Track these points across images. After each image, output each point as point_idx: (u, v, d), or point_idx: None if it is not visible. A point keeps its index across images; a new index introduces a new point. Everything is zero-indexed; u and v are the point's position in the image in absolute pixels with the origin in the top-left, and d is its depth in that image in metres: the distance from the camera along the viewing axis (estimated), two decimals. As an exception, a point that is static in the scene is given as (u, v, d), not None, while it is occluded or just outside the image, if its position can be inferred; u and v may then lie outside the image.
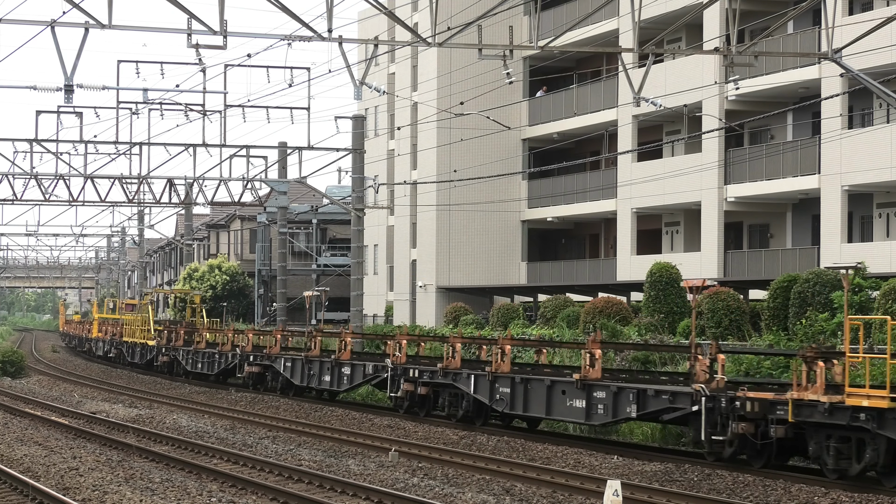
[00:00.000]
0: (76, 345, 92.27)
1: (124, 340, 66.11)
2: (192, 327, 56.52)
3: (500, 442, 27.99)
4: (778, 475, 22.27)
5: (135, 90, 46.30)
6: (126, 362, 66.58)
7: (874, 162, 47.48)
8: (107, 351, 72.33)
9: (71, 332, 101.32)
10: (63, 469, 22.39)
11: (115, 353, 69.98)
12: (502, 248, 68.14)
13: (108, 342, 72.03)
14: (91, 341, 79.61)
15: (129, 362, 66.01)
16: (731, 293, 41.63)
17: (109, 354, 71.80)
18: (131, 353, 64.68)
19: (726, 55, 28.83)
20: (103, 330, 75.28)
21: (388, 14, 30.69)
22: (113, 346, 70.79)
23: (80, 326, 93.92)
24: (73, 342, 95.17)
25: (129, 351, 65.14)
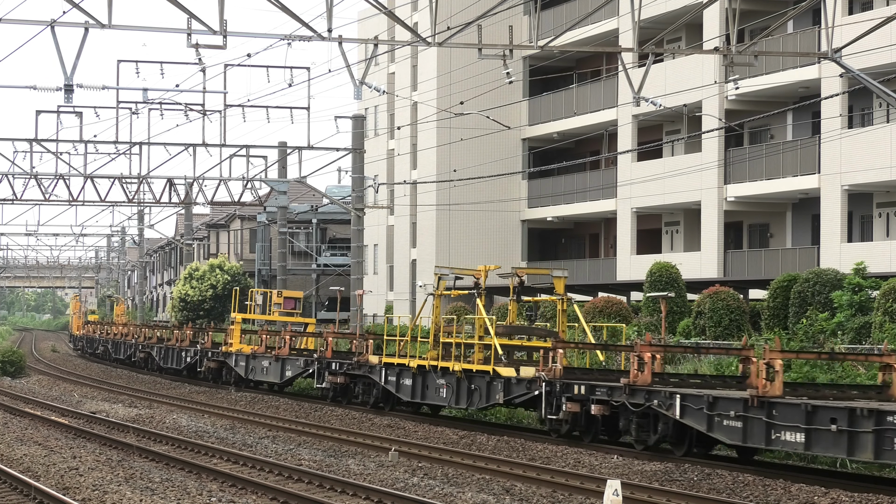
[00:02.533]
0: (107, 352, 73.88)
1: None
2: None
3: (500, 442, 28.00)
4: (778, 475, 22.27)
5: (135, 90, 46.30)
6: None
7: (874, 162, 47.49)
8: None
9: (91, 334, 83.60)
10: (63, 469, 22.39)
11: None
12: (502, 247, 68.14)
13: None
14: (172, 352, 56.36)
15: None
16: (731, 293, 41.65)
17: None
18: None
19: (726, 55, 28.83)
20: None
21: (388, 14, 30.69)
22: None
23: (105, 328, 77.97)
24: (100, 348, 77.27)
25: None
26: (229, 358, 47.69)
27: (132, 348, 64.61)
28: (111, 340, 72.44)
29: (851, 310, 35.95)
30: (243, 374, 46.04)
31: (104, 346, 75.48)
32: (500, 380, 30.08)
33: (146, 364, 61.35)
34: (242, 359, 46.30)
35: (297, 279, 79.59)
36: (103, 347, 75.81)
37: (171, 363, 55.99)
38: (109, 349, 72.58)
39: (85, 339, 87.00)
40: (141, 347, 61.87)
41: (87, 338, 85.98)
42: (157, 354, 58.49)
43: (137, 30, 28.10)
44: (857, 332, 34.65)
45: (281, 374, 42.72)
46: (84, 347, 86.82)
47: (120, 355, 68.60)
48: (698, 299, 42.40)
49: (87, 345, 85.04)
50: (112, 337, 72.74)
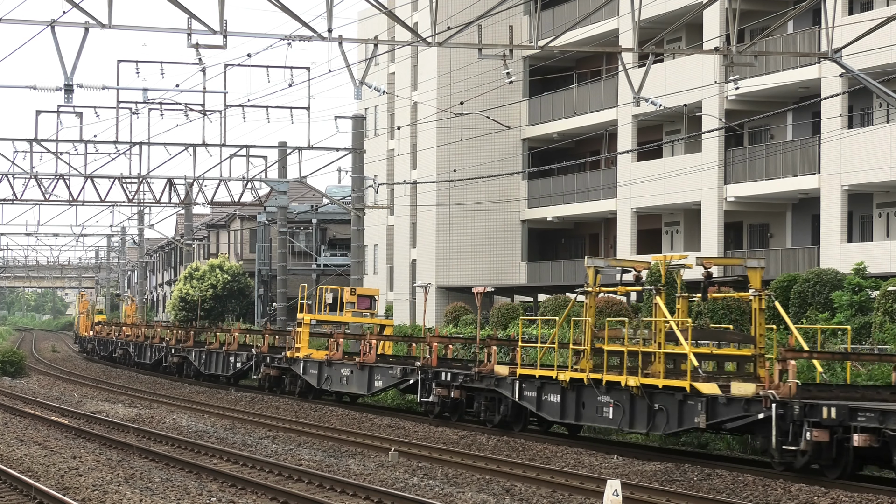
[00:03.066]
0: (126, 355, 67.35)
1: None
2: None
3: (500, 442, 28.00)
4: (778, 475, 22.27)
5: (135, 90, 46.33)
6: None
7: (874, 162, 47.48)
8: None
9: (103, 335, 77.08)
10: (63, 469, 22.39)
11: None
12: (502, 247, 68.15)
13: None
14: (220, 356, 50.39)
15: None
16: (730, 293, 41.61)
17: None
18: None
19: (726, 55, 28.83)
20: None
21: (388, 14, 30.68)
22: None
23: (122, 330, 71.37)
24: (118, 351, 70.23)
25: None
26: (296, 365, 41.52)
27: (162, 352, 58.16)
28: (132, 343, 65.29)
29: (851, 310, 35.94)
30: (315, 383, 39.91)
31: (123, 348, 68.39)
32: (699, 399, 24.12)
33: (180, 370, 55.36)
34: (314, 366, 40.07)
35: (297, 279, 79.58)
36: (122, 350, 68.62)
37: (215, 369, 49.82)
38: (131, 353, 65.36)
39: (96, 341, 79.48)
40: (174, 351, 55.47)
41: (98, 339, 78.69)
42: (196, 359, 52.09)
43: (137, 30, 28.11)
44: (857, 333, 34.64)
45: (368, 384, 36.90)
46: (95, 350, 79.67)
47: (145, 360, 61.83)
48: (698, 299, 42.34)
49: (98, 347, 77.86)
50: (133, 339, 65.71)
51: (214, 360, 50.32)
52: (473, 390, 31.56)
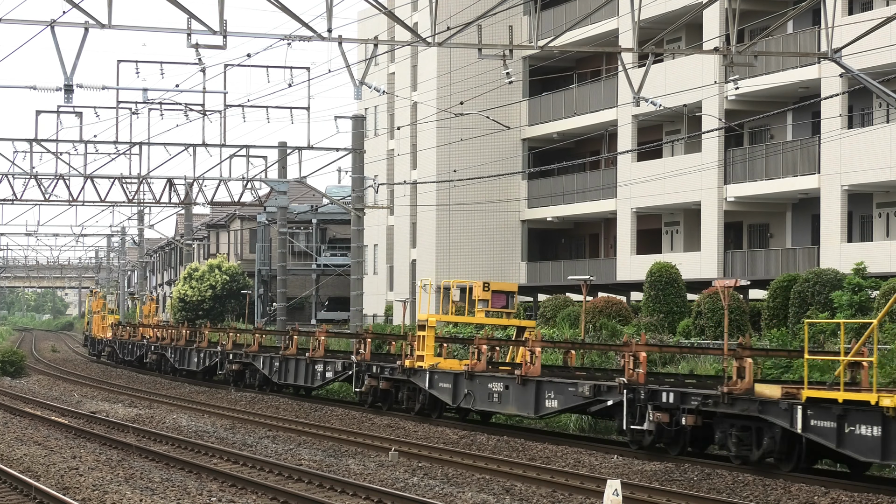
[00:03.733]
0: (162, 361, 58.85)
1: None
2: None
3: (500, 442, 28.00)
4: (778, 475, 22.27)
5: (135, 90, 46.32)
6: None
7: (874, 162, 47.49)
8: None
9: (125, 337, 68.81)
10: (63, 469, 22.39)
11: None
12: (502, 247, 68.15)
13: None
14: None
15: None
16: (730, 293, 41.64)
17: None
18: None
19: (726, 55, 28.83)
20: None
21: (388, 14, 30.69)
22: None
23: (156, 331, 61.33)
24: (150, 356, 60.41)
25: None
26: (418, 376, 33.85)
27: (215, 358, 50.13)
28: (171, 347, 56.72)
29: (851, 310, 35.95)
30: (450, 399, 32.36)
31: (157, 353, 59.09)
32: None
33: (239, 379, 46.92)
34: (446, 378, 32.62)
35: (297, 279, 79.60)
36: (156, 355, 59.32)
37: (294, 378, 41.83)
38: (170, 358, 56.64)
39: (117, 344, 70.78)
40: (232, 357, 47.17)
41: (120, 342, 69.79)
42: (265, 367, 43.95)
43: (137, 30, 28.10)
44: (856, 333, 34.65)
45: (536, 404, 29.02)
46: (115, 354, 71.36)
47: (190, 366, 53.44)
48: (698, 299, 42.41)
49: (121, 351, 69.01)
50: (170, 342, 57.49)
51: (293, 368, 41.86)
52: (719, 417, 23.75)
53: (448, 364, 33.76)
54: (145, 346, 61.97)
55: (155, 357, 59.56)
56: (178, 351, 55.39)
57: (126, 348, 67.56)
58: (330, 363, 39.31)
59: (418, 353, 34.10)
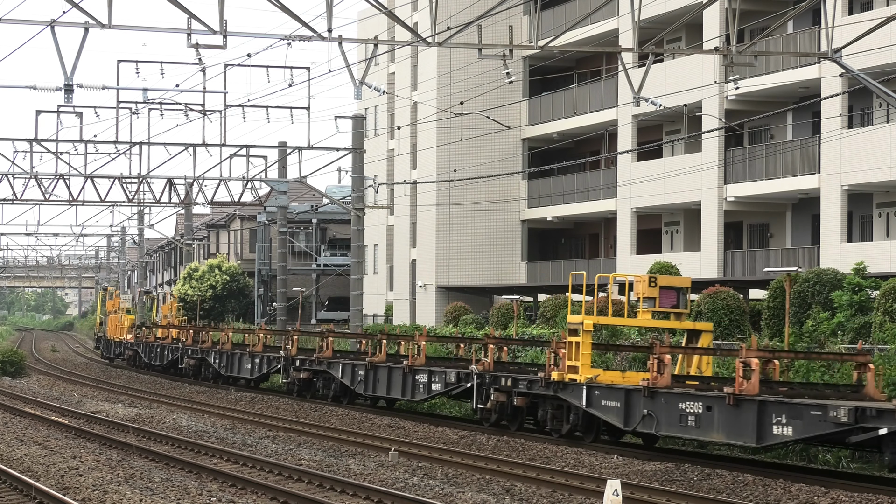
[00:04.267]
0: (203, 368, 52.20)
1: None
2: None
3: (500, 442, 27.99)
4: (778, 475, 22.27)
5: (135, 90, 46.34)
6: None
7: (874, 162, 47.49)
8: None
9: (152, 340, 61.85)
10: (63, 469, 22.39)
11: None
12: (502, 247, 68.15)
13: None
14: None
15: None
16: (730, 293, 41.63)
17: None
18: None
19: (726, 55, 28.83)
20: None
21: (388, 14, 30.68)
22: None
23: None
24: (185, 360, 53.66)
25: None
26: (571, 392, 27.80)
27: (274, 364, 43.77)
28: (212, 352, 49.90)
29: (851, 310, 35.93)
30: (620, 422, 26.37)
31: (197, 357, 52.29)
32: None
33: (305, 389, 41.06)
34: (614, 396, 26.50)
35: (297, 279, 79.60)
36: (194, 360, 52.53)
37: (389, 390, 35.76)
38: (213, 363, 49.74)
39: (141, 347, 63.52)
40: (299, 364, 41.28)
41: (145, 345, 62.59)
42: (348, 377, 37.65)
43: (137, 30, 28.11)
44: (857, 333, 34.64)
45: (759, 432, 22.95)
46: (137, 358, 64.77)
47: (242, 373, 47.12)
48: (698, 299, 42.39)
49: (146, 355, 62.00)
50: (211, 346, 50.75)
51: (386, 378, 35.74)
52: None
53: (610, 377, 28.20)
54: (180, 349, 55.04)
55: (193, 362, 52.76)
56: (226, 356, 48.63)
57: (153, 352, 60.63)
58: (438, 373, 33.24)
59: (569, 364, 28.00)
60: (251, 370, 46.05)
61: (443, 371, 33.24)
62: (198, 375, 52.45)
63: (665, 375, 25.35)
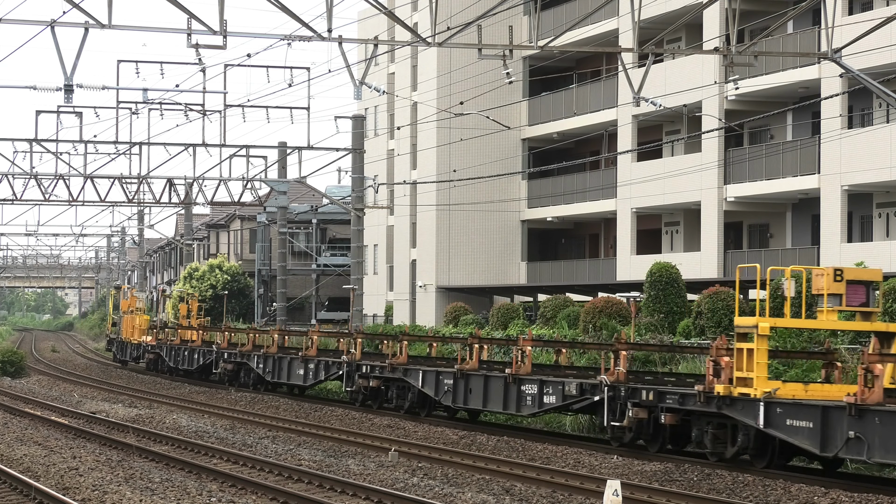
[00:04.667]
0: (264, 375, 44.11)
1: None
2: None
3: (500, 442, 27.97)
4: (778, 475, 22.26)
5: (135, 90, 46.42)
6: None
7: (874, 162, 47.49)
8: None
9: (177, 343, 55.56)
10: (63, 469, 22.38)
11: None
12: (502, 248, 68.15)
13: None
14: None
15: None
16: (730, 293, 41.58)
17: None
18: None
19: (726, 55, 28.84)
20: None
21: (388, 14, 30.69)
22: None
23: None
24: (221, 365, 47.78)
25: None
26: (739, 408, 23.12)
27: (336, 370, 38.07)
28: (255, 356, 44.37)
29: (851, 310, 35.88)
30: (816, 446, 21.63)
31: (235, 362, 46.59)
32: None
33: (372, 398, 36.34)
34: (806, 414, 21.83)
35: (297, 279, 79.60)
36: (232, 364, 46.85)
37: (489, 403, 30.60)
38: (255, 368, 44.40)
39: (165, 350, 57.09)
40: (367, 370, 36.18)
41: (170, 348, 56.31)
42: (431, 386, 32.96)
43: (137, 30, 28.13)
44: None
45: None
46: (160, 362, 58.91)
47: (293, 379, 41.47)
48: (698, 299, 42.36)
49: (171, 358, 55.78)
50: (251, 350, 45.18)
51: (481, 389, 30.87)
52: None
53: (791, 390, 23.17)
54: (214, 353, 49.20)
55: (231, 367, 46.94)
56: (273, 361, 43.04)
57: (179, 355, 54.53)
58: (552, 384, 28.46)
59: (739, 375, 23.53)
60: (304, 376, 40.29)
61: (560, 382, 28.24)
62: (234, 381, 46.82)
63: (877, 389, 20.99)
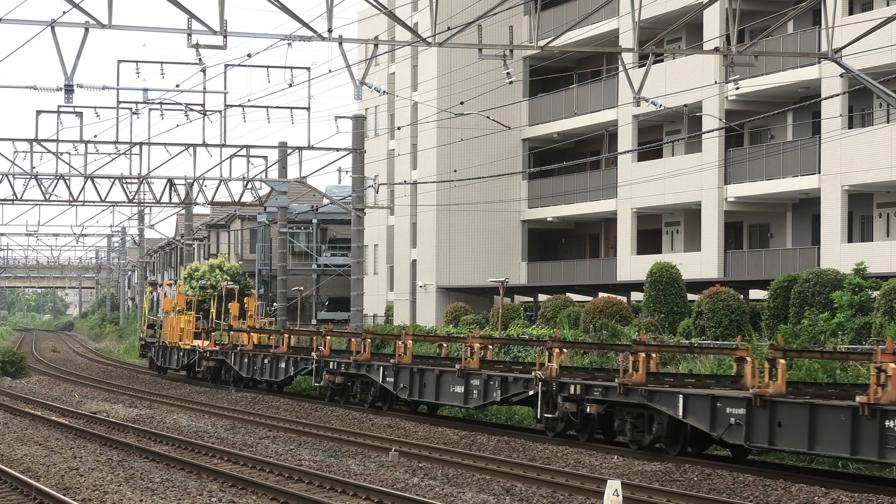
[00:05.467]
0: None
1: None
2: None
3: (500, 442, 27.98)
4: (778, 475, 22.27)
5: (135, 90, 46.37)
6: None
7: (874, 162, 47.49)
8: None
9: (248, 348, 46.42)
10: (63, 469, 22.39)
11: None
12: (502, 248, 68.14)
13: None
14: None
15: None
16: (731, 293, 41.64)
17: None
18: None
19: (726, 55, 28.83)
20: None
21: (388, 14, 30.69)
22: None
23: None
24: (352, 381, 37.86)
25: None
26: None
27: (518, 389, 29.77)
28: (381, 366, 35.32)
29: (851, 310, 35.94)
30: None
31: (348, 374, 37.60)
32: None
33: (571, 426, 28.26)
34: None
35: (297, 279, 79.60)
36: (343, 377, 37.84)
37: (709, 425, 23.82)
38: (384, 383, 35.00)
39: (233, 357, 47.09)
40: (559, 387, 27.93)
41: (244, 355, 46.09)
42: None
43: (137, 30, 28.13)
44: (857, 333, 34.65)
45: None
46: (222, 371, 49.47)
47: (454, 400, 32.20)
48: (698, 300, 42.39)
49: (244, 367, 45.83)
50: (397, 362, 34.35)
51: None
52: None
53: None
54: (314, 361, 39.34)
55: (340, 381, 37.97)
56: (407, 372, 33.89)
57: (256, 364, 44.76)
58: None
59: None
60: (468, 395, 31.61)
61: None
62: (343, 396, 38.27)
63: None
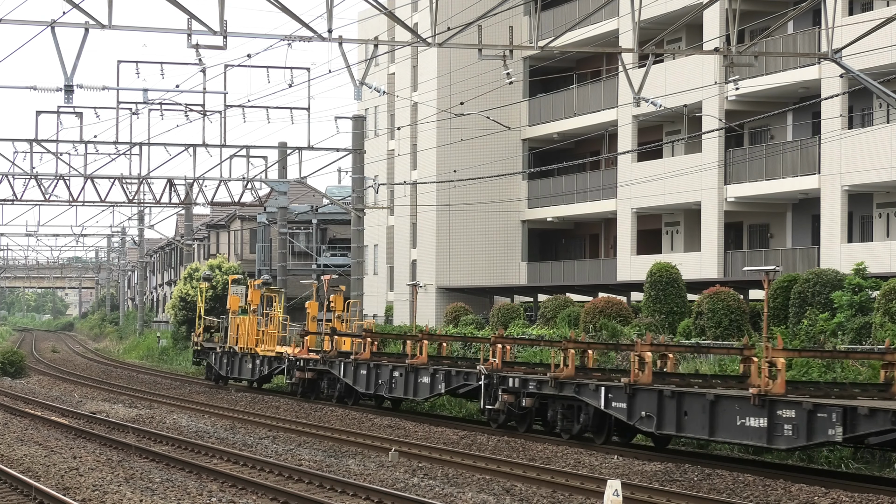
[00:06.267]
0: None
1: None
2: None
3: (500, 442, 27.98)
4: (778, 475, 22.28)
5: (135, 90, 46.38)
6: None
7: (874, 162, 47.49)
8: None
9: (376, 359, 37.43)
10: (63, 469, 22.39)
11: None
12: (502, 248, 68.14)
13: None
14: None
15: None
16: (731, 293, 41.62)
17: None
18: None
19: (726, 55, 28.83)
20: None
21: (388, 14, 30.69)
22: None
23: None
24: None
25: None
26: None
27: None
28: (578, 382, 27.58)
29: (851, 310, 35.93)
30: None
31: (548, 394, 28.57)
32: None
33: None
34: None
35: (297, 279, 79.58)
36: (531, 398, 29.17)
37: None
38: (595, 405, 27.01)
39: (349, 369, 38.17)
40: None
41: (361, 365, 37.44)
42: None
43: (137, 30, 28.12)
44: (857, 333, 34.65)
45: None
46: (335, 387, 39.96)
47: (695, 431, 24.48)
48: (698, 300, 42.38)
49: (378, 382, 36.33)
50: (555, 373, 27.99)
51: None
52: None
53: None
54: (483, 376, 30.67)
55: (529, 402, 29.48)
56: (643, 395, 25.71)
57: (382, 376, 36.28)
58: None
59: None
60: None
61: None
62: (522, 423, 30.38)
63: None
